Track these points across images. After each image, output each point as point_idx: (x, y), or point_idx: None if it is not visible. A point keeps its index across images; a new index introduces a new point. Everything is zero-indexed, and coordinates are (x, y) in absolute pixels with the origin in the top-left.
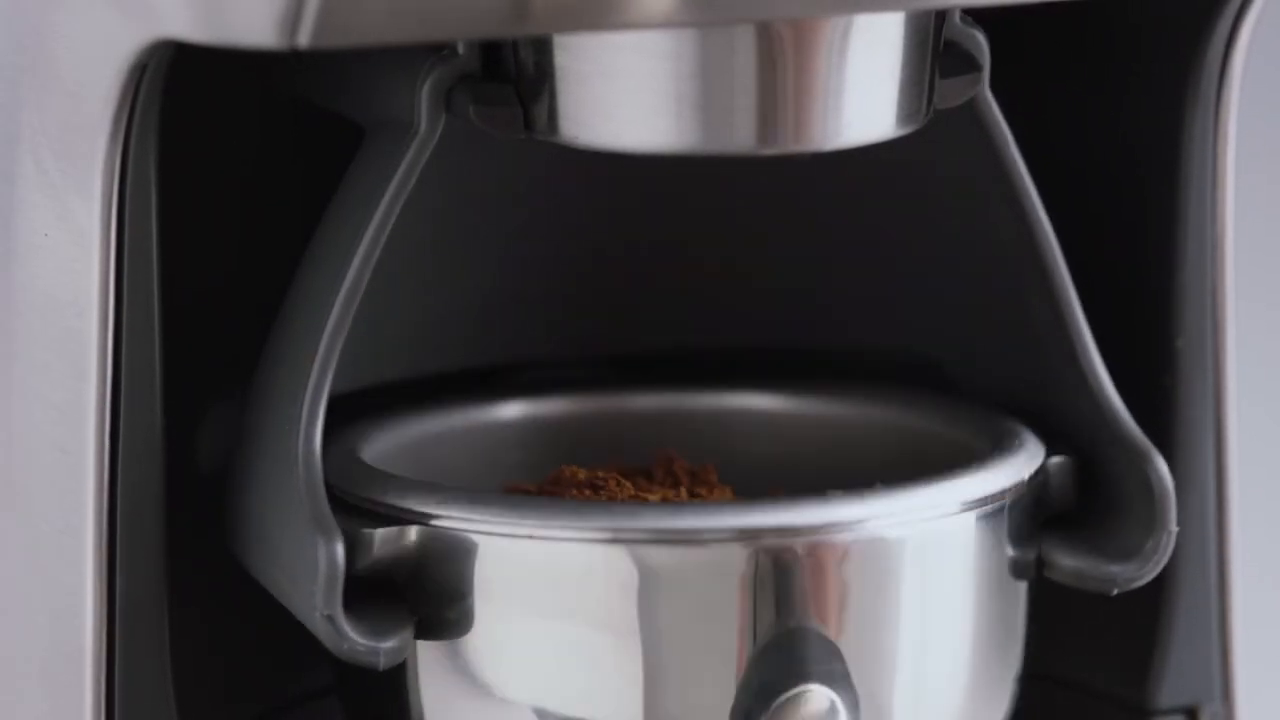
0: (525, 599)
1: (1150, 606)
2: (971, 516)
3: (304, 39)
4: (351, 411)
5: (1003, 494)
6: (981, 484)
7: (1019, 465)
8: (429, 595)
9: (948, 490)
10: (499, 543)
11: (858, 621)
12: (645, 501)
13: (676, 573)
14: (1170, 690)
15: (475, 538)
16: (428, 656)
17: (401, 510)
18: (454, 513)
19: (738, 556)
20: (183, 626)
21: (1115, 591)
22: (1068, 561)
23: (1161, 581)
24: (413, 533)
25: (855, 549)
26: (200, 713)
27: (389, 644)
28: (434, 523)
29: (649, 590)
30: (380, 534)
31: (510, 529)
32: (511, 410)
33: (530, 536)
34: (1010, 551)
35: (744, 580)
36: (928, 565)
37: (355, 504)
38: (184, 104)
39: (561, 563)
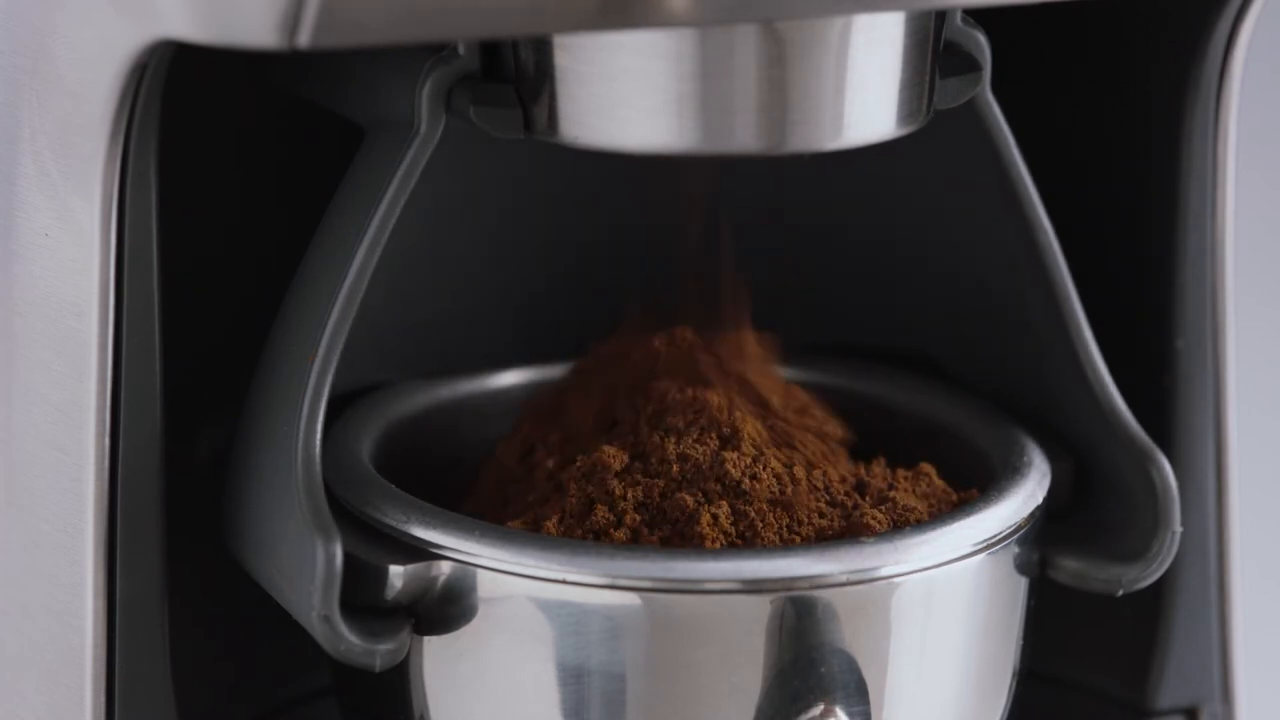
0: (533, 633)
1: (1150, 606)
2: (984, 555)
3: (304, 39)
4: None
5: (1015, 529)
6: (994, 522)
7: (1030, 492)
8: (439, 622)
9: (963, 532)
10: (525, 584)
11: (866, 659)
12: (682, 550)
13: (694, 621)
14: (1170, 690)
15: (507, 579)
16: (425, 658)
17: (429, 544)
18: (490, 554)
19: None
20: (183, 626)
21: (1120, 593)
22: (1071, 562)
23: (1161, 581)
24: (443, 569)
25: (868, 597)
26: (200, 713)
27: (386, 645)
28: (463, 560)
29: (676, 636)
30: (408, 570)
31: (544, 572)
32: (510, 378)
33: (564, 581)
34: (1015, 562)
35: (754, 629)
36: (938, 602)
37: (370, 524)
38: (184, 104)
39: (579, 604)
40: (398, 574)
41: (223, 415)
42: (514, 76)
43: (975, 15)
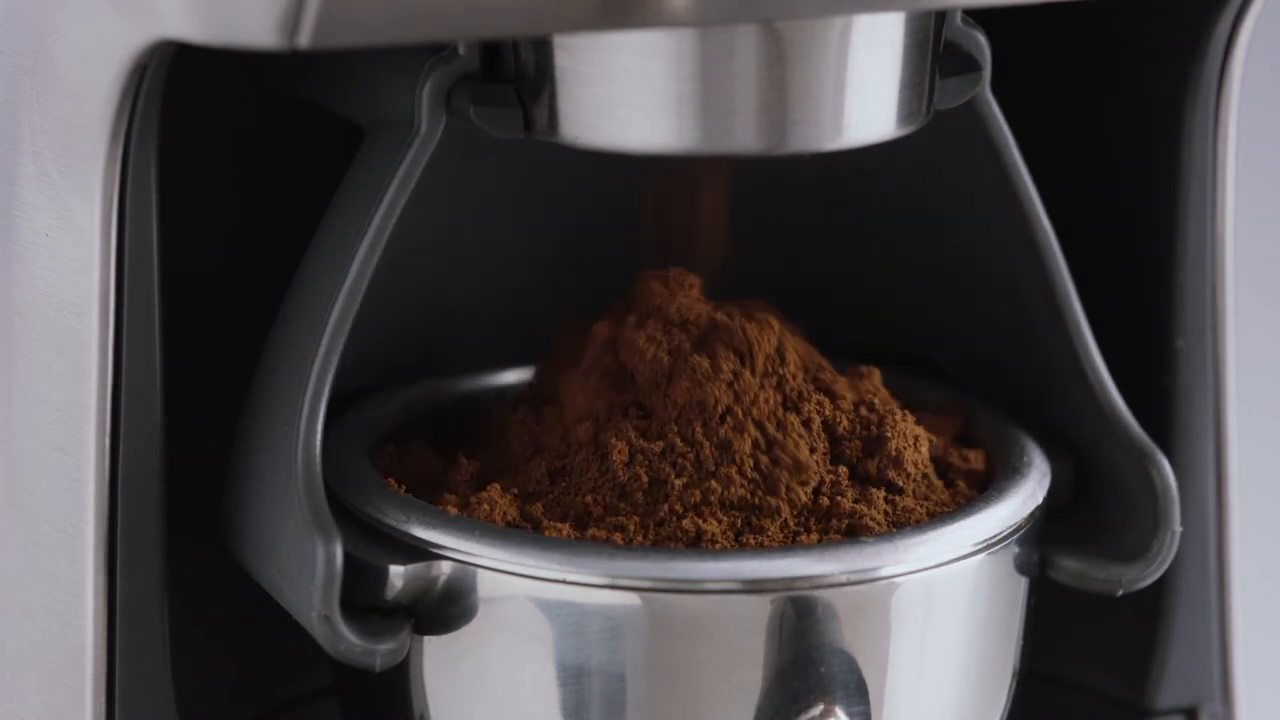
0: (533, 633)
1: (1150, 606)
2: (984, 556)
3: (304, 39)
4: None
5: (1015, 529)
6: (994, 522)
7: (1030, 492)
8: (439, 622)
9: (963, 532)
10: (525, 584)
11: (866, 659)
12: (682, 550)
13: (694, 621)
14: (1170, 690)
15: (507, 579)
16: (425, 658)
17: (429, 544)
18: (491, 554)
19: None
20: (183, 626)
21: (1120, 593)
22: (1071, 562)
23: (1161, 581)
24: (443, 569)
25: (868, 597)
26: (200, 713)
27: (386, 645)
28: (463, 560)
29: (676, 636)
30: (408, 570)
31: (544, 573)
32: (510, 378)
33: (564, 581)
34: (1015, 562)
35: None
36: (938, 602)
37: (370, 524)
38: (184, 104)
39: (578, 603)
40: (398, 574)
41: (223, 415)
42: (514, 76)
43: (975, 15)
